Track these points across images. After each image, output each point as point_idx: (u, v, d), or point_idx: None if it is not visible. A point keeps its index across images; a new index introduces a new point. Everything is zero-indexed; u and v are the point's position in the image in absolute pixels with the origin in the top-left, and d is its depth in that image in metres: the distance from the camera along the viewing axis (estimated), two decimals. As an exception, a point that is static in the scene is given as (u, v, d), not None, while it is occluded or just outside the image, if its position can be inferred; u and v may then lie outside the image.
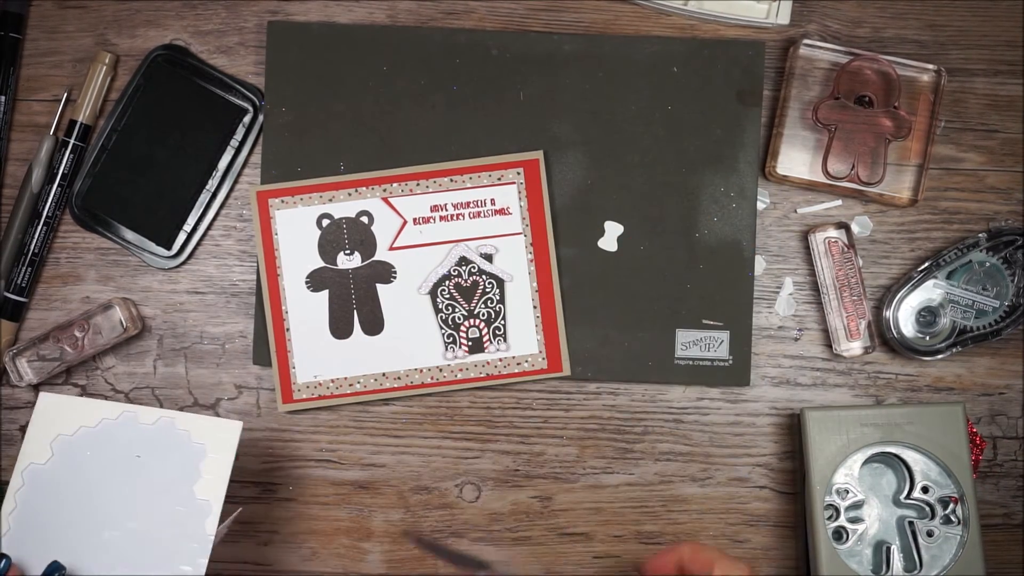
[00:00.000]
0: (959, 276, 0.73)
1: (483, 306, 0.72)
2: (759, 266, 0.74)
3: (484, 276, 0.72)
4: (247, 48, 0.75)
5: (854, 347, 0.73)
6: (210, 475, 0.63)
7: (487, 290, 0.72)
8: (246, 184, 0.75)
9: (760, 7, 0.73)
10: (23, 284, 0.73)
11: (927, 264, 0.73)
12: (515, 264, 0.72)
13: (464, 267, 0.72)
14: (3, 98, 0.73)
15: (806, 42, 0.73)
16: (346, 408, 0.74)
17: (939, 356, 0.73)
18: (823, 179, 0.73)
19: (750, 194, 0.73)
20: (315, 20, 0.75)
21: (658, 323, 0.73)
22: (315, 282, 0.73)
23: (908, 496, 0.70)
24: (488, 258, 0.73)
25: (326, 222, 0.72)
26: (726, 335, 0.73)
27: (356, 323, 0.72)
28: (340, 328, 0.72)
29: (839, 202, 0.74)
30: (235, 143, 0.74)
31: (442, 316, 0.72)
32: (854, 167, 0.73)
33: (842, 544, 0.69)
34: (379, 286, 0.72)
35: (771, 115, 0.74)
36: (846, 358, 0.74)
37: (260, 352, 0.73)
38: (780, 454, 0.74)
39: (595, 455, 0.74)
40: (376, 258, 0.72)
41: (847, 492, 0.70)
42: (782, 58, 0.75)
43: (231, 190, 0.74)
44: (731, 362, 0.73)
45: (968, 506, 0.69)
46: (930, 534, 0.69)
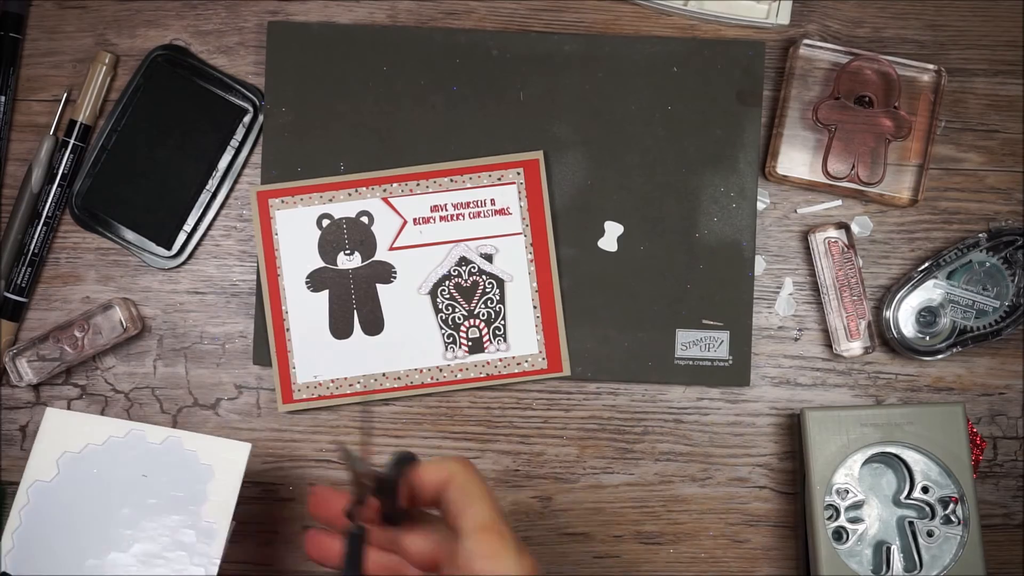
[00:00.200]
0: (959, 276, 0.73)
1: (483, 306, 0.72)
2: (759, 266, 0.74)
3: (484, 276, 0.72)
4: (247, 48, 0.75)
5: (854, 347, 0.73)
6: (217, 497, 0.63)
7: (487, 290, 0.72)
8: (246, 184, 0.75)
9: (760, 7, 0.73)
10: (23, 284, 0.73)
11: (927, 264, 0.73)
12: (515, 264, 0.72)
13: (464, 267, 0.72)
14: (3, 98, 0.73)
15: (806, 42, 0.73)
16: (346, 408, 0.74)
17: (939, 356, 0.73)
18: (823, 179, 0.73)
19: (750, 194, 0.73)
20: (315, 20, 0.75)
21: (658, 323, 0.73)
22: (315, 282, 0.72)
23: (908, 496, 0.70)
24: (488, 258, 0.72)
25: (326, 222, 0.72)
26: (726, 335, 0.73)
27: (356, 323, 0.72)
28: (340, 328, 0.72)
29: (839, 202, 0.74)
30: (235, 143, 0.74)
31: (442, 316, 0.72)
32: (854, 167, 0.73)
33: (842, 544, 0.69)
34: (379, 286, 0.72)
35: (771, 115, 0.74)
36: (846, 358, 0.74)
37: (260, 352, 0.73)
38: (780, 454, 0.74)
39: (595, 455, 0.74)
40: (376, 258, 0.72)
41: (847, 492, 0.70)
42: (782, 58, 0.75)
43: (231, 190, 0.74)
44: (731, 362, 0.73)
45: (968, 506, 0.69)
46: (930, 534, 0.69)
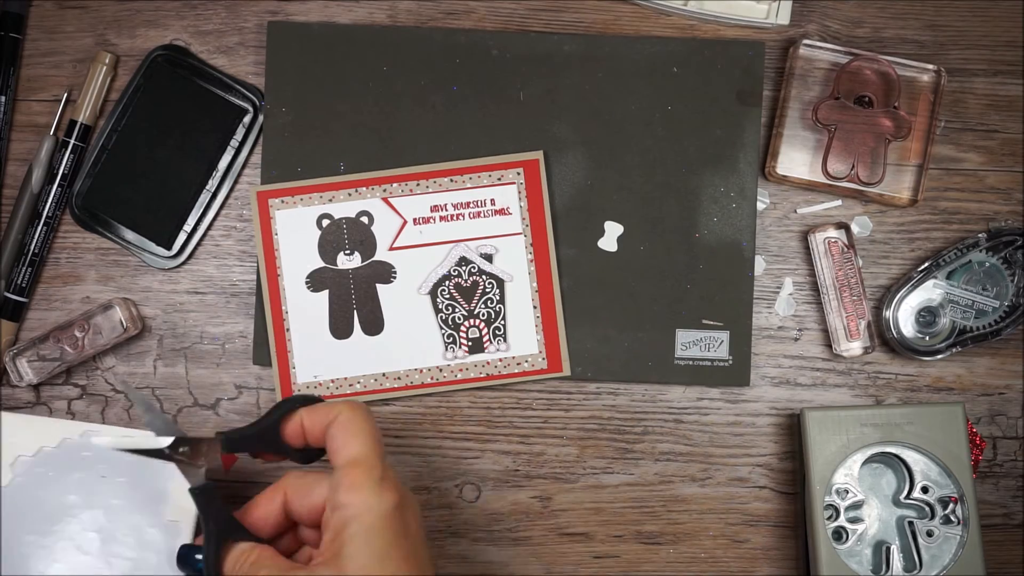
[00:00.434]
0: (959, 276, 0.73)
1: (483, 306, 0.72)
2: (759, 266, 0.74)
3: (484, 276, 0.72)
4: (247, 48, 0.75)
5: (854, 347, 0.73)
6: (177, 495, 0.61)
7: (487, 290, 0.72)
8: (246, 184, 0.75)
9: (760, 7, 0.73)
10: (23, 284, 0.73)
11: (927, 264, 0.73)
12: (515, 264, 0.72)
13: (464, 267, 0.72)
14: (3, 98, 0.73)
15: (806, 42, 0.73)
16: (346, 408, 0.74)
17: (939, 356, 0.73)
18: (823, 179, 0.73)
19: (750, 194, 0.73)
20: (315, 20, 0.75)
21: (658, 323, 0.73)
22: (315, 282, 0.72)
23: (908, 496, 0.70)
24: (488, 258, 0.72)
25: (326, 222, 0.72)
26: (726, 335, 0.73)
27: (356, 323, 0.72)
28: (340, 328, 0.72)
29: (839, 202, 0.74)
30: (235, 143, 0.74)
31: (442, 316, 0.72)
32: (854, 167, 0.73)
33: (842, 544, 0.69)
34: (379, 286, 0.72)
35: (771, 115, 0.74)
36: (846, 358, 0.74)
37: (260, 352, 0.73)
38: (780, 454, 0.74)
39: (595, 455, 0.74)
40: (376, 258, 0.72)
41: (847, 492, 0.70)
42: (782, 58, 0.75)
43: (231, 190, 0.74)
44: (731, 362, 0.73)
45: (968, 506, 0.69)
46: (930, 534, 0.69)
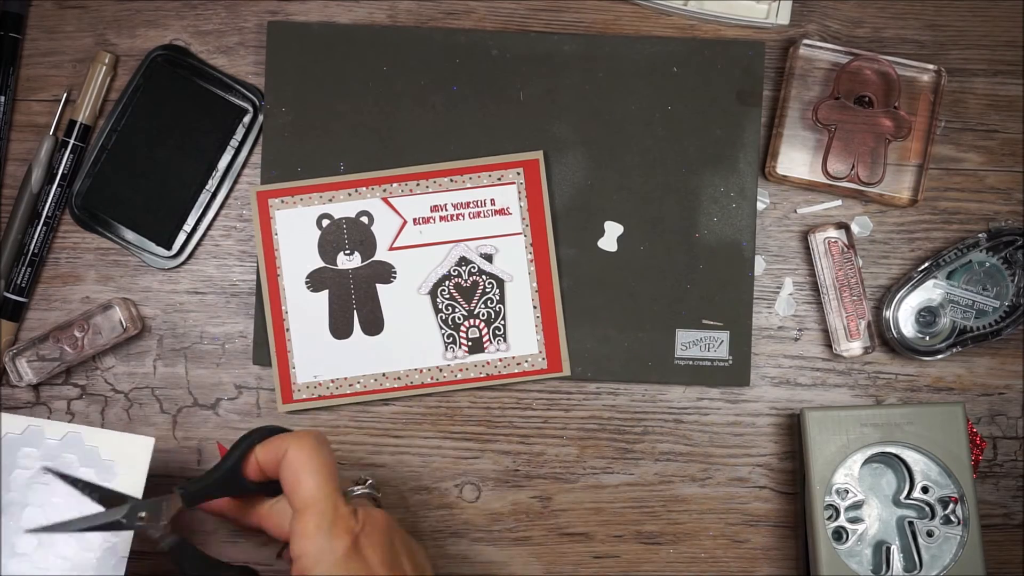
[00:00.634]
0: (959, 276, 0.73)
1: (483, 306, 0.72)
2: (759, 266, 0.74)
3: (484, 276, 0.72)
4: (247, 48, 0.75)
5: (854, 347, 0.73)
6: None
7: (487, 290, 0.72)
8: (246, 184, 0.75)
9: (760, 7, 0.73)
10: (23, 284, 0.73)
11: (927, 264, 0.73)
12: (515, 264, 0.72)
13: (464, 267, 0.72)
14: (3, 98, 0.73)
15: (806, 42, 0.73)
16: (346, 408, 0.74)
17: (939, 356, 0.73)
18: (823, 179, 0.73)
19: (750, 194, 0.73)
20: (315, 20, 0.75)
21: (658, 323, 0.73)
22: (315, 282, 0.72)
23: (908, 496, 0.70)
24: (488, 258, 0.72)
25: (326, 222, 0.72)
26: (726, 335, 0.73)
27: (356, 323, 0.72)
28: (340, 328, 0.72)
29: (839, 202, 0.74)
30: (235, 143, 0.74)
31: (442, 316, 0.72)
32: (854, 167, 0.73)
33: (842, 544, 0.69)
34: (379, 286, 0.72)
35: (771, 115, 0.74)
36: (846, 358, 0.74)
37: (260, 352, 0.73)
38: (780, 454, 0.74)
39: (595, 455, 0.74)
40: (376, 258, 0.72)
41: (847, 492, 0.70)
42: (782, 58, 0.75)
43: (231, 190, 0.74)
44: (731, 362, 0.73)
45: (968, 506, 0.69)
46: (930, 534, 0.69)
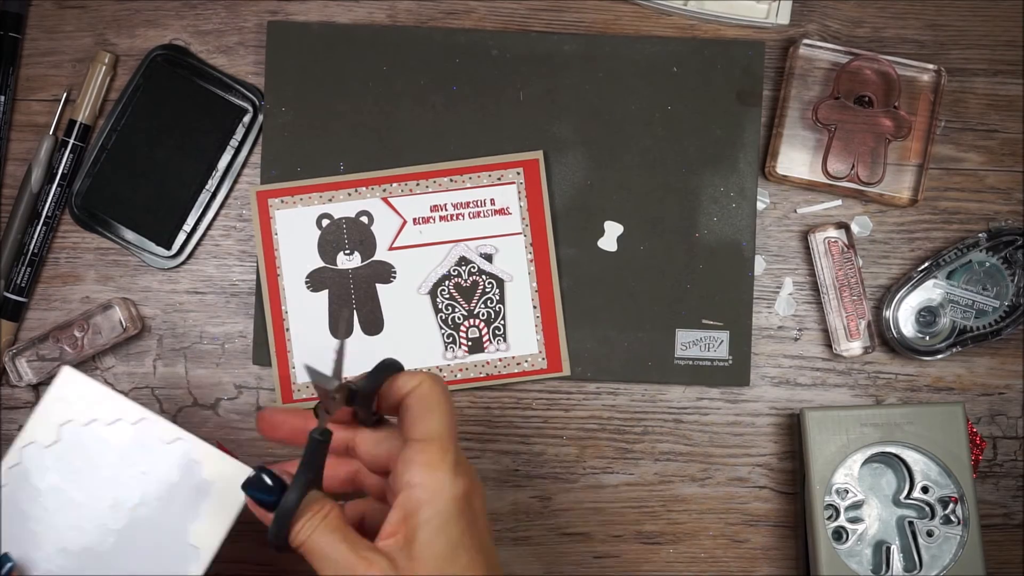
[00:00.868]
0: (959, 276, 0.73)
1: (483, 306, 0.72)
2: (759, 266, 0.74)
3: (484, 276, 0.72)
4: (247, 48, 0.75)
5: (854, 347, 0.73)
6: (209, 519, 0.57)
7: (487, 290, 0.72)
8: (246, 184, 0.75)
9: (760, 7, 0.73)
10: (23, 284, 0.73)
11: (927, 264, 0.73)
12: (515, 264, 0.72)
13: (464, 267, 0.72)
14: (3, 98, 0.73)
15: (806, 42, 0.73)
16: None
17: (939, 356, 0.73)
18: (823, 179, 0.73)
19: (750, 194, 0.73)
20: (315, 20, 0.74)
21: (658, 323, 0.73)
22: (315, 282, 0.72)
23: (908, 496, 0.70)
24: (488, 258, 0.72)
25: (326, 222, 0.72)
26: (726, 335, 0.73)
27: (356, 323, 0.72)
28: (340, 328, 0.72)
29: (839, 202, 0.74)
30: (235, 143, 0.74)
31: (442, 316, 0.72)
32: (854, 167, 0.73)
33: (842, 544, 0.69)
34: (379, 286, 0.72)
35: (771, 115, 0.74)
36: (846, 358, 0.74)
37: (260, 352, 0.73)
38: (780, 454, 0.74)
39: (595, 455, 0.74)
40: (376, 258, 0.72)
41: (847, 492, 0.70)
42: (782, 58, 0.75)
43: (231, 190, 0.74)
44: (731, 362, 0.73)
45: (968, 506, 0.69)
46: (930, 534, 0.69)
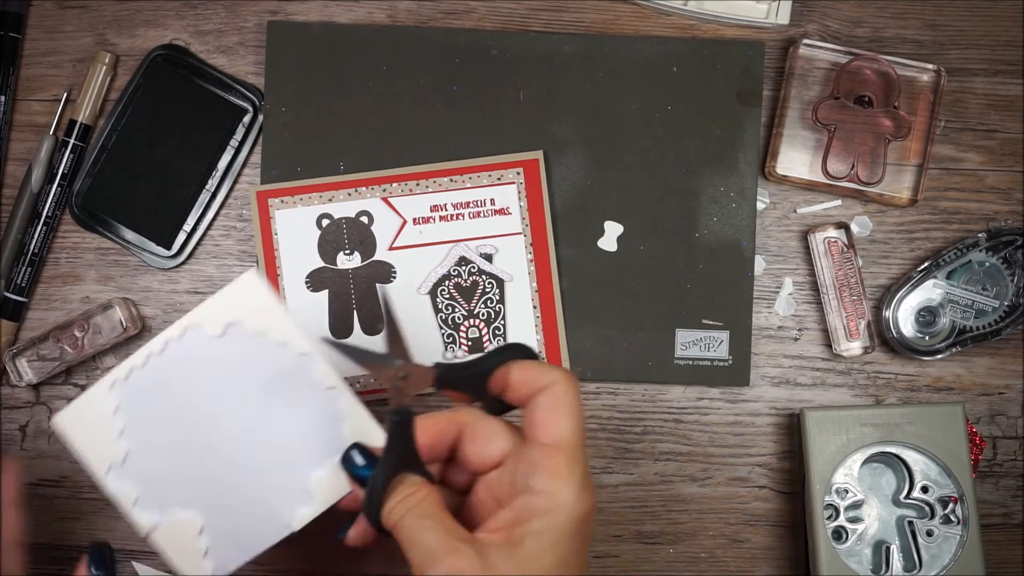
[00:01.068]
0: (959, 276, 0.73)
1: (483, 306, 0.72)
2: (759, 266, 0.74)
3: (484, 276, 0.72)
4: (247, 48, 0.75)
5: (854, 347, 0.73)
6: (332, 474, 0.54)
7: (487, 290, 0.72)
8: (246, 184, 0.75)
9: (760, 7, 0.73)
10: (23, 284, 0.73)
11: (927, 264, 0.73)
12: (515, 264, 0.72)
13: (464, 267, 0.72)
14: (3, 98, 0.73)
15: (806, 42, 0.73)
16: (346, 408, 0.74)
17: (939, 356, 0.73)
18: (823, 179, 0.73)
19: (750, 194, 0.73)
20: (315, 20, 0.74)
21: (658, 323, 0.73)
22: (315, 282, 0.72)
23: (908, 496, 0.70)
24: (488, 258, 0.72)
25: (326, 222, 0.72)
26: (726, 335, 0.73)
27: (356, 323, 0.72)
28: (340, 328, 0.72)
29: (839, 202, 0.74)
30: (235, 143, 0.74)
31: (442, 316, 0.72)
32: (854, 167, 0.73)
33: (842, 544, 0.69)
34: (379, 286, 0.72)
35: (771, 115, 0.74)
36: (846, 358, 0.74)
37: (260, 352, 0.73)
38: (780, 454, 0.74)
39: (595, 455, 0.74)
40: (376, 258, 0.72)
41: (847, 492, 0.70)
42: (782, 58, 0.75)
43: (231, 190, 0.74)
44: (731, 362, 0.73)
45: (968, 506, 0.69)
46: (930, 534, 0.69)
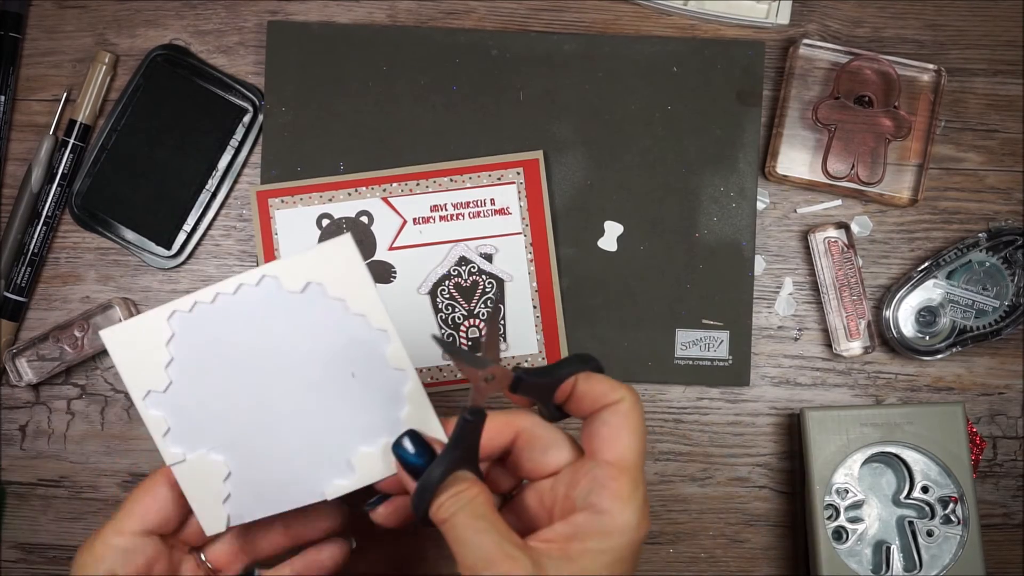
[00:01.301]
0: (959, 276, 0.73)
1: (483, 306, 0.72)
2: (759, 266, 0.74)
3: (484, 276, 0.72)
4: (247, 48, 0.75)
5: (854, 347, 0.73)
6: (381, 454, 0.52)
7: (487, 290, 0.72)
8: (246, 184, 0.75)
9: (760, 7, 0.73)
10: (23, 284, 0.73)
11: (927, 264, 0.73)
12: (515, 264, 0.72)
13: (464, 267, 0.72)
14: (3, 98, 0.73)
15: (806, 42, 0.73)
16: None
17: (939, 356, 0.73)
18: (823, 179, 0.73)
19: (750, 194, 0.73)
20: (315, 20, 0.74)
21: (658, 323, 0.73)
22: (315, 282, 0.72)
23: (908, 496, 0.70)
24: (488, 258, 0.72)
25: (326, 222, 0.72)
26: (726, 335, 0.73)
27: (356, 323, 0.72)
28: (340, 328, 0.72)
29: (839, 202, 0.74)
30: (235, 143, 0.74)
31: (442, 316, 0.72)
32: (854, 167, 0.73)
33: (842, 544, 0.69)
34: (379, 286, 0.72)
35: (771, 115, 0.74)
36: (846, 358, 0.74)
37: (260, 352, 0.73)
38: (780, 454, 0.74)
39: (595, 455, 0.74)
40: (376, 258, 0.72)
41: (847, 492, 0.70)
42: (782, 58, 0.75)
43: (231, 190, 0.74)
44: (731, 362, 0.73)
45: (968, 506, 0.69)
46: (930, 534, 0.69)
